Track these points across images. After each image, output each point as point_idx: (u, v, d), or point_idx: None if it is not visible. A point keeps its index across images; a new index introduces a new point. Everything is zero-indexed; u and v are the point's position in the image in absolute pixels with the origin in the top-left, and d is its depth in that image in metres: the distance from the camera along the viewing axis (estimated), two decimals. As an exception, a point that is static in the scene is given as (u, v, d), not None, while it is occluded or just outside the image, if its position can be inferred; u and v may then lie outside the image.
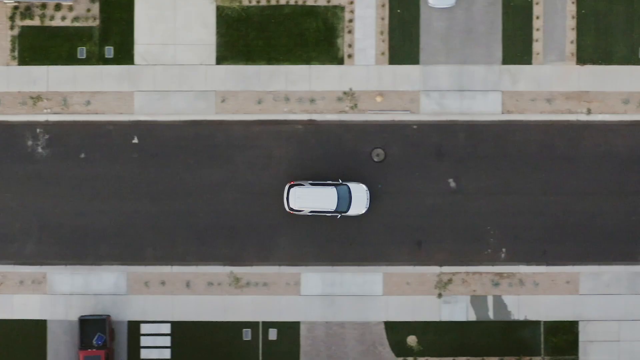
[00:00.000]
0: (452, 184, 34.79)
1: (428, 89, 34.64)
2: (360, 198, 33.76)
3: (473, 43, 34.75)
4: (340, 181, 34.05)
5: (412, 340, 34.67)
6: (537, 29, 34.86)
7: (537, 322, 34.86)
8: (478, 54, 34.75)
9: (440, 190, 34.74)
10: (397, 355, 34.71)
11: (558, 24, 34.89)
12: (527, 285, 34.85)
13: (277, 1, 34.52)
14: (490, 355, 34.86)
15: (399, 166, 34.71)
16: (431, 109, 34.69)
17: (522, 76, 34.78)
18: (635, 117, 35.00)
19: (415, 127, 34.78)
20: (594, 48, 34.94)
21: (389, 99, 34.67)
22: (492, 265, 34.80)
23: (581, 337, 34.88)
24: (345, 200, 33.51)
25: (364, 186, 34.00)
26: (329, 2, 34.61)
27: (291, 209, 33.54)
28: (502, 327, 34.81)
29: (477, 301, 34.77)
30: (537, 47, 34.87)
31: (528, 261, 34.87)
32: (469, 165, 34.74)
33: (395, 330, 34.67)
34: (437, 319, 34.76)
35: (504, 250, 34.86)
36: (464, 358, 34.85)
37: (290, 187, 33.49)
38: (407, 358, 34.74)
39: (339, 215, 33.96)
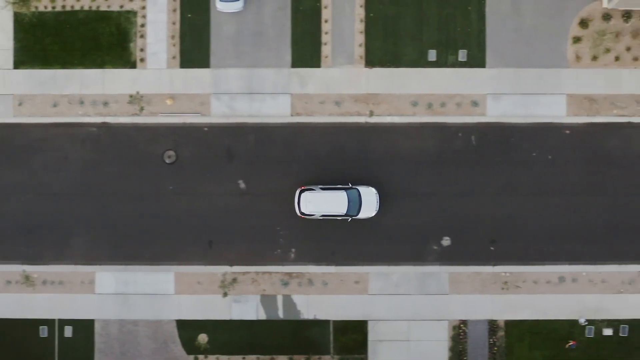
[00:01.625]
0: (242, 185, 35.39)
1: (218, 92, 35.27)
2: (370, 201, 34.42)
3: (263, 47, 35.31)
4: (350, 185, 34.69)
5: (202, 338, 35.34)
6: (326, 33, 35.34)
7: (327, 322, 35.36)
8: (268, 57, 35.32)
9: (230, 191, 35.36)
10: (188, 353, 35.40)
11: (346, 28, 35.35)
12: (317, 285, 35.35)
13: (72, 7, 35.34)
14: (280, 354, 35.42)
15: (191, 168, 35.38)
16: (221, 112, 35.32)
17: (311, 79, 35.29)
18: (424, 119, 35.36)
19: (206, 129, 35.43)
20: (382, 51, 35.35)
21: (180, 101, 35.35)
22: (282, 265, 35.35)
23: (370, 337, 35.33)
24: (355, 203, 34.24)
25: (373, 189, 34.64)
26: (122, 7, 35.35)
27: (302, 214, 34.11)
28: (291, 326, 35.36)
29: (267, 300, 35.35)
30: (325, 50, 35.35)
31: (317, 261, 35.37)
32: (259, 167, 35.32)
33: (187, 329, 35.37)
34: (227, 318, 35.38)
35: (293, 250, 35.40)
36: (254, 356, 35.44)
37: (301, 192, 34.11)
38: (197, 356, 35.41)
39: (350, 219, 34.57)
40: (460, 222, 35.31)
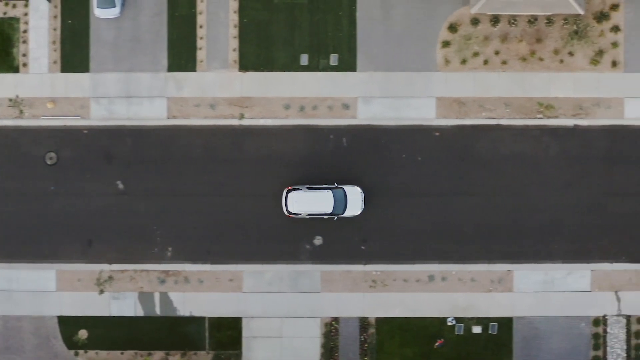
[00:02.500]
0: (121, 185, 36.54)
1: (97, 95, 36.43)
2: (355, 200, 35.53)
3: (140, 51, 36.43)
4: (336, 184, 35.77)
5: (82, 334, 36.57)
6: (201, 38, 36.41)
7: (202, 318, 36.49)
8: (145, 61, 36.43)
9: (109, 191, 36.53)
10: (69, 348, 36.63)
11: (221, 33, 36.41)
12: (193, 282, 36.49)
13: (-42, 13, 36.62)
14: (157, 350, 36.58)
15: (71, 169, 36.57)
16: (101, 115, 36.48)
17: (187, 83, 36.39)
18: (296, 121, 36.36)
19: (85, 131, 36.60)
20: (256, 56, 36.38)
21: (61, 105, 36.54)
22: (159, 263, 36.50)
23: (244, 333, 36.44)
24: (341, 202, 35.35)
25: (358, 189, 35.76)
26: (5, 14, 36.56)
27: (290, 213, 35.20)
28: (168, 323, 36.53)
29: (145, 297, 36.51)
30: (201, 55, 36.43)
31: (193, 260, 36.50)
32: (136, 168, 36.45)
33: (68, 325, 36.60)
34: (107, 314, 36.57)
35: (170, 249, 36.53)
36: (132, 352, 36.61)
37: (288, 191, 35.23)
38: (78, 351, 36.62)
39: (336, 217, 35.66)
40: (331, 222, 36.25)
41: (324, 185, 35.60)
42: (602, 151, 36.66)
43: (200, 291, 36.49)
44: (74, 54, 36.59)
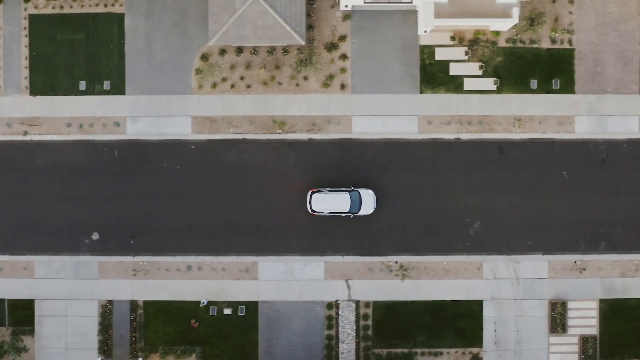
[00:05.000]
0: (-63, 190, 44.39)
1: None
2: (368, 201, 42.63)
3: (-49, 80, 44.16)
4: (353, 188, 43.06)
5: None
6: (0, 68, 43.99)
7: (2, 300, 44.00)
8: (-45, 88, 44.17)
9: None
10: None
11: (15, 64, 43.89)
12: (-5, 270, 44.20)
13: None
14: (-33, 325, 44.43)
15: None
16: None
17: (-12, 105, 44.04)
18: (77, 137, 43.62)
19: None
20: (43, 82, 43.77)
21: None
22: (-32, 254, 44.29)
23: (37, 312, 43.84)
24: (356, 203, 42.59)
25: (371, 191, 42.86)
26: None
27: (313, 211, 42.69)
28: (-25, 303, 44.29)
29: (-43, 282, 44.36)
30: (-1, 82, 44.05)
31: (-5, 251, 44.18)
32: (-51, 176, 44.25)
33: None
34: None
35: (-24, 242, 44.26)
36: (-54, 327, 44.56)
37: (312, 193, 42.69)
38: None
39: (352, 215, 43.02)
40: (106, 221, 43.53)
41: (342, 188, 42.44)
42: (333, 160, 43.15)
43: (1, 277, 44.05)
44: None
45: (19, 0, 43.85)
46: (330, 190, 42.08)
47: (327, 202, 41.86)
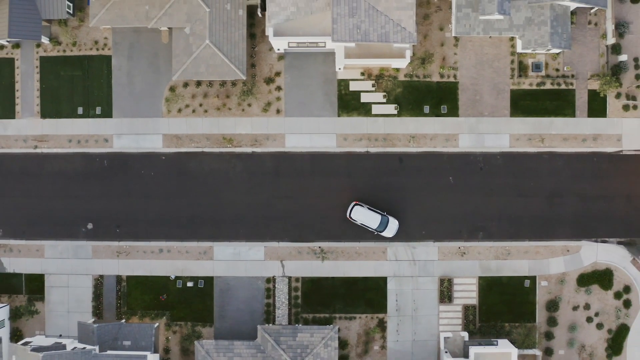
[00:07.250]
0: (-29, 190, 58.06)
1: (-43, 134, 58.01)
2: (392, 227, 54.38)
3: (-19, 106, 57.80)
4: (385, 213, 54.36)
5: (-51, 283, 58.36)
6: (18, 97, 57.42)
7: (21, 274, 57.33)
8: (-16, 112, 57.79)
9: (-36, 194, 58.12)
10: (-58, 292, 58.57)
11: (29, 94, 57.31)
12: (14, 251, 57.52)
13: None
14: (-7, 293, 58.10)
15: (-58, 180, 58.29)
16: (-41, 146, 58.10)
17: (10, 126, 57.46)
18: (76, 150, 56.82)
19: (-50, 156, 58.29)
20: (50, 108, 57.11)
21: None
22: (-6, 239, 57.91)
23: (46, 284, 57.19)
24: (384, 225, 54.63)
25: (396, 220, 54.56)
26: None
27: (350, 218, 54.77)
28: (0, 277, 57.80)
29: (-14, 261, 58.02)
30: (18, 108, 57.40)
31: (15, 237, 57.62)
32: (-20, 180, 57.88)
33: (-59, 277, 58.46)
34: (-36, 271, 58.27)
35: (0, 231, 57.81)
36: (-22, 294, 58.25)
37: (354, 205, 54.60)
38: (-53, 294, 58.55)
39: (375, 232, 54.74)
40: (98, 214, 56.76)
41: (378, 210, 54.26)
42: (270, 169, 55.90)
43: (19, 257, 57.53)
44: (-57, 108, 58.24)
45: (32, 45, 57.25)
46: (369, 208, 53.66)
47: (363, 216, 53.56)
